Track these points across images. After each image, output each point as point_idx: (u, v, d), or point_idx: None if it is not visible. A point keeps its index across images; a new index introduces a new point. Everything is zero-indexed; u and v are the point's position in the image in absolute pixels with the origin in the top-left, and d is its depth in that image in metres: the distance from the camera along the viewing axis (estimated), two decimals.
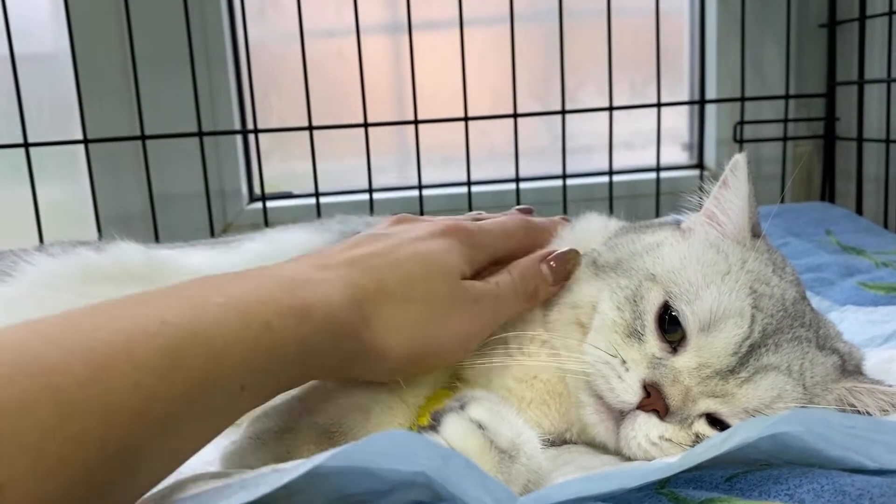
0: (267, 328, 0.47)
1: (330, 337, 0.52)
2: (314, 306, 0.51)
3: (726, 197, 0.71)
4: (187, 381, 0.42)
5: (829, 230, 1.35)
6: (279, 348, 0.48)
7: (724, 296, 0.63)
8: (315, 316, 0.51)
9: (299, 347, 0.49)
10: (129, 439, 0.39)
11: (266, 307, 0.48)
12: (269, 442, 0.59)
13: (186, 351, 0.42)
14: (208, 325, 0.44)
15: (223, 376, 0.44)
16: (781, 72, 1.61)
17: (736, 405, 0.61)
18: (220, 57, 1.49)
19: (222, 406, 0.45)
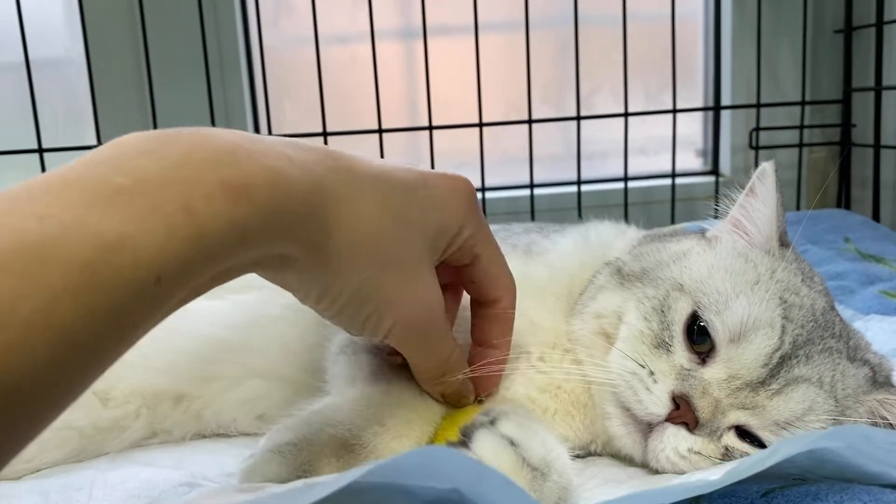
0: (186, 212, 0.40)
1: (276, 220, 0.45)
2: (255, 183, 0.44)
3: (754, 205, 0.70)
4: (66, 275, 0.35)
5: (848, 237, 1.34)
6: (203, 236, 0.41)
7: (754, 306, 0.62)
8: (257, 195, 0.44)
9: (230, 231, 0.42)
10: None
11: (186, 187, 0.41)
12: (287, 455, 0.58)
13: (64, 243, 0.35)
14: (102, 212, 0.37)
15: (122, 266, 0.37)
16: (797, 78, 1.60)
17: (766, 417, 0.60)
18: (233, 62, 1.49)
19: (132, 301, 0.38)
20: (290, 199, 0.46)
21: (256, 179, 0.44)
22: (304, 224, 0.48)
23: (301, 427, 0.61)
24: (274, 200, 0.45)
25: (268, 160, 0.46)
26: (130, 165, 0.41)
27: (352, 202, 0.51)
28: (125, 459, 0.75)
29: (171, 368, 0.80)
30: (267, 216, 0.44)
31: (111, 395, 0.79)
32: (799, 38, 1.59)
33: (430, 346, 0.60)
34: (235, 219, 0.42)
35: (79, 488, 0.67)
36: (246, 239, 0.44)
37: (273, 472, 0.57)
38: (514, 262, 0.77)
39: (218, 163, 0.43)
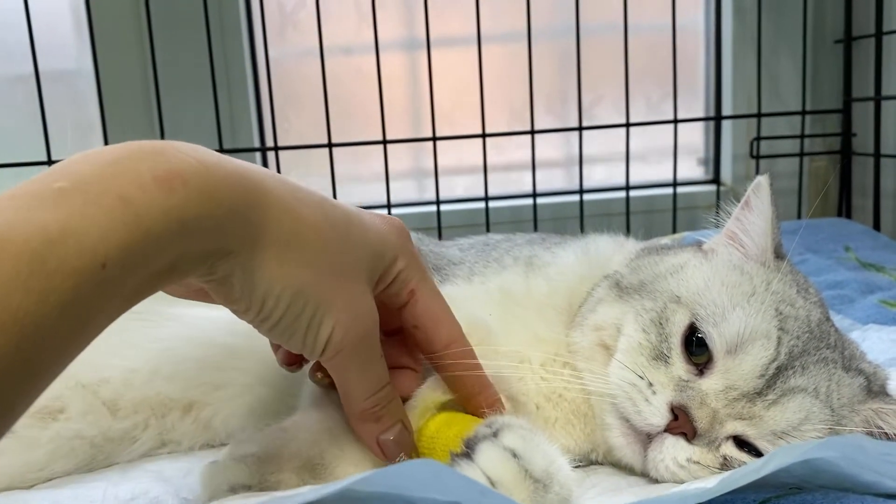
0: (122, 201, 0.43)
1: (212, 208, 0.47)
2: (187, 172, 0.46)
3: (749, 218, 0.71)
4: (16, 262, 0.38)
5: (848, 246, 1.35)
6: (141, 223, 0.43)
7: (751, 317, 0.63)
8: (190, 182, 0.46)
9: (168, 219, 0.44)
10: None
11: (120, 180, 0.44)
12: (251, 465, 0.60)
13: (13, 235, 0.38)
14: (44, 209, 0.40)
15: (67, 255, 0.39)
16: (797, 87, 1.61)
17: (763, 427, 0.61)
18: (240, 75, 1.51)
19: (82, 287, 0.40)
20: (226, 189, 0.48)
21: (188, 169, 0.46)
22: (243, 215, 0.49)
23: (266, 441, 0.62)
24: (208, 188, 0.46)
25: (201, 156, 0.48)
26: (69, 171, 0.44)
27: (293, 205, 0.52)
28: (136, 469, 0.76)
29: (180, 376, 0.81)
30: (202, 203, 0.46)
31: (120, 405, 0.80)
32: (799, 48, 1.60)
33: (365, 367, 0.57)
34: (171, 206, 0.44)
35: (90, 500, 0.68)
36: (185, 226, 0.45)
37: (234, 477, 0.59)
38: (516, 274, 0.78)
39: (148, 159, 0.45)
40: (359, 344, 0.56)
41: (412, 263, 0.61)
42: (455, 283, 0.79)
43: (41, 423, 0.74)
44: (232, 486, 0.59)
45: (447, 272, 0.81)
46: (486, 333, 0.71)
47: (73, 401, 0.76)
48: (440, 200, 1.50)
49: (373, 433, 0.59)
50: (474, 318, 0.72)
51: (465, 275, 0.80)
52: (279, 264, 0.51)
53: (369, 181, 1.60)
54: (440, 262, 0.85)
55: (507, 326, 0.72)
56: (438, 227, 1.49)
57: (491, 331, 0.71)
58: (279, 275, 0.51)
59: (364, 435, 0.59)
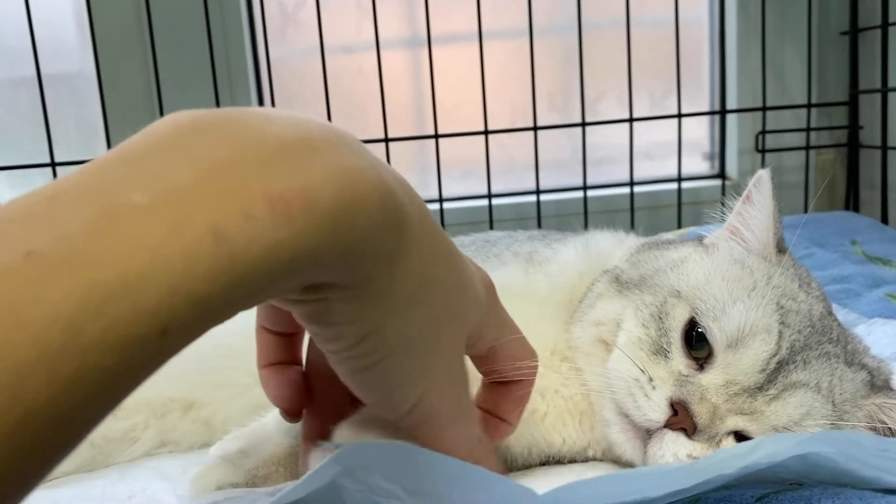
0: (215, 236, 0.29)
1: (332, 241, 0.33)
2: (312, 194, 0.32)
3: (750, 213, 0.71)
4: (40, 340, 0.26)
5: (855, 240, 1.34)
6: (234, 268, 0.30)
7: (752, 312, 0.63)
8: (314, 210, 0.32)
9: (270, 259, 0.31)
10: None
11: (219, 202, 0.30)
12: (237, 462, 0.60)
13: (46, 296, 0.26)
14: (103, 245, 0.28)
15: (117, 323, 0.27)
16: (803, 80, 1.60)
17: (764, 423, 0.61)
18: (241, 75, 1.51)
19: (127, 361, 0.28)
20: (367, 214, 0.34)
21: (318, 186, 0.33)
22: (376, 244, 0.36)
23: (251, 436, 0.62)
24: (345, 219, 0.33)
25: (341, 159, 0.34)
26: (154, 171, 0.31)
27: (424, 241, 0.40)
28: (135, 467, 0.76)
29: (181, 375, 0.81)
30: (325, 235, 0.33)
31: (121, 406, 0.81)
32: (804, 41, 1.59)
33: (460, 424, 0.47)
34: (281, 242, 0.31)
35: (89, 499, 0.69)
36: (293, 264, 0.32)
37: (222, 477, 0.59)
38: (515, 270, 0.78)
39: (271, 164, 0.32)
40: (450, 409, 0.45)
41: (496, 321, 0.51)
42: None
43: None
44: (220, 485, 0.59)
45: None
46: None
47: None
48: (443, 198, 1.50)
49: None
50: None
51: None
52: (395, 303, 0.39)
53: None
54: None
55: None
56: (441, 225, 1.48)
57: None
58: (393, 314, 0.39)
59: None
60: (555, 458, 0.72)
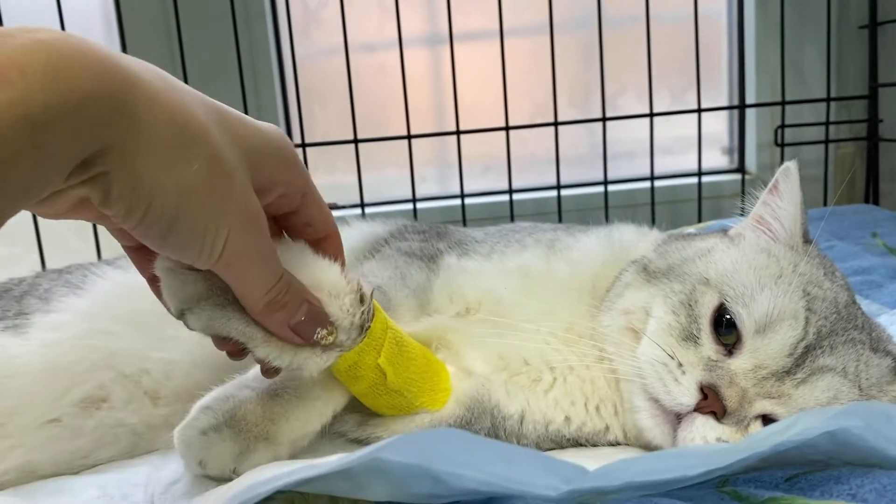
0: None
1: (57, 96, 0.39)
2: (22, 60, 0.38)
3: (778, 203, 0.72)
4: None
5: (875, 232, 1.34)
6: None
7: (779, 298, 0.64)
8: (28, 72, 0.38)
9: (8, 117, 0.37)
10: None
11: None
12: (215, 408, 0.63)
13: None
14: None
15: None
16: (822, 74, 1.61)
17: (792, 406, 0.62)
18: (266, 72, 1.53)
19: None
20: (79, 72, 0.39)
21: (26, 53, 0.38)
22: (109, 101, 0.41)
23: (227, 388, 0.65)
24: (54, 73, 0.38)
25: (45, 36, 0.40)
26: None
27: (169, 92, 0.45)
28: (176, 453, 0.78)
29: (216, 366, 0.83)
30: (49, 92, 0.38)
31: (161, 395, 0.83)
32: (823, 35, 1.59)
33: (261, 265, 0.53)
34: (9, 100, 0.37)
35: (134, 484, 0.71)
36: (32, 122, 0.37)
37: (203, 422, 0.62)
38: (536, 255, 0.79)
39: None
40: (254, 246, 0.51)
41: (301, 173, 0.56)
42: (474, 258, 0.81)
43: (86, 412, 0.76)
44: (202, 431, 0.62)
45: (468, 247, 0.83)
46: (496, 304, 0.73)
47: (115, 391, 0.78)
48: (464, 194, 1.51)
49: (283, 322, 0.55)
50: (485, 290, 0.73)
51: (486, 252, 0.81)
52: (164, 156, 0.43)
53: (393, 176, 1.62)
54: (464, 237, 0.86)
55: (522, 299, 0.73)
56: (463, 221, 1.51)
57: (502, 301, 0.73)
58: (164, 168, 0.43)
59: (274, 327, 0.56)
60: (571, 441, 0.74)
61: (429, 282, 0.77)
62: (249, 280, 0.53)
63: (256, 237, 0.51)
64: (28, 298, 0.84)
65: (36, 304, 0.82)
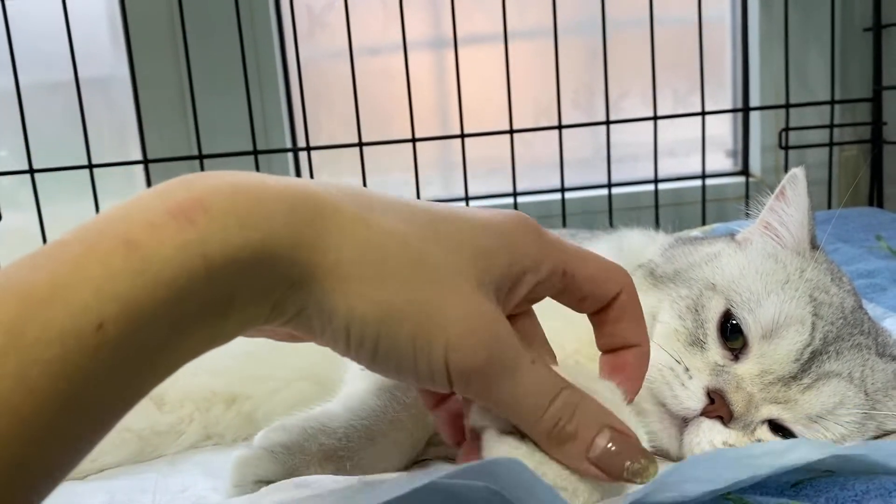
0: (125, 245, 0.34)
1: (240, 237, 0.36)
2: (207, 199, 0.36)
3: (785, 210, 0.72)
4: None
5: (880, 235, 1.34)
6: (149, 267, 0.34)
7: (785, 303, 0.64)
8: (212, 211, 0.36)
9: (185, 257, 0.35)
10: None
11: (127, 221, 0.35)
12: (279, 456, 0.61)
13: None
14: (31, 269, 0.33)
15: (51, 320, 0.32)
16: (826, 77, 1.61)
17: (798, 411, 0.62)
18: (271, 76, 1.54)
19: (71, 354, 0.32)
20: (265, 209, 0.37)
21: (211, 193, 0.37)
22: (293, 236, 0.38)
23: (297, 431, 0.62)
24: (238, 211, 0.36)
25: (233, 178, 0.38)
26: (84, 224, 0.36)
27: (359, 212, 0.41)
28: (184, 461, 0.79)
29: (224, 369, 0.83)
30: (230, 231, 0.36)
31: (166, 399, 0.83)
32: (827, 37, 1.59)
33: (515, 382, 0.43)
34: (188, 240, 0.35)
35: (142, 491, 0.71)
36: (211, 263, 0.35)
37: (263, 469, 0.60)
38: None
39: (164, 193, 0.37)
40: (490, 359, 0.42)
41: (551, 249, 0.47)
42: None
43: None
44: (258, 479, 0.59)
45: None
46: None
47: None
48: (469, 197, 1.52)
49: (578, 455, 0.44)
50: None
51: None
52: (355, 282, 0.39)
53: (398, 179, 1.62)
54: None
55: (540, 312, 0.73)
56: None
57: None
58: (356, 295, 0.39)
59: (570, 462, 0.44)
60: None
61: None
62: (510, 403, 0.43)
63: (491, 350, 0.42)
64: None
65: None
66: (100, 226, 0.35)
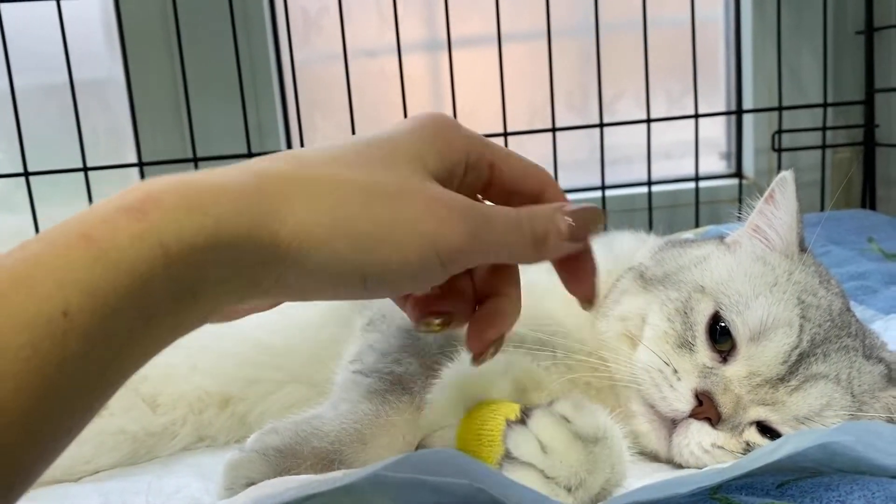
0: (84, 238, 0.36)
1: (194, 222, 0.38)
2: (156, 193, 0.38)
3: (774, 213, 0.73)
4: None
5: (871, 237, 1.35)
6: (108, 257, 0.36)
7: (773, 306, 0.65)
8: (163, 202, 0.38)
9: (143, 246, 0.37)
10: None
11: (84, 219, 0.37)
12: (272, 459, 0.61)
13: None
14: (2, 260, 0.36)
15: (19, 309, 0.33)
16: (819, 80, 1.62)
17: (786, 413, 0.63)
18: (266, 79, 1.54)
19: (36, 341, 0.33)
20: (214, 191, 0.40)
21: (161, 187, 0.39)
22: (251, 211, 0.40)
23: (289, 434, 0.63)
24: (189, 199, 0.39)
25: (184, 175, 0.41)
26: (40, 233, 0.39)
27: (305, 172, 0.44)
28: (177, 463, 0.79)
29: (217, 371, 0.84)
30: (183, 218, 0.38)
31: (159, 402, 0.84)
32: (820, 40, 1.60)
33: (490, 229, 0.47)
34: (143, 230, 0.37)
35: (136, 492, 0.71)
36: (167, 249, 0.37)
37: (256, 472, 0.61)
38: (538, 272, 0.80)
39: (121, 194, 0.39)
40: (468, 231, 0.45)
41: (475, 139, 0.51)
42: None
43: None
44: (251, 482, 0.60)
45: None
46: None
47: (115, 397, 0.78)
48: None
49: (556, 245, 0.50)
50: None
51: None
52: (322, 232, 0.41)
53: None
54: None
55: (533, 319, 0.74)
56: None
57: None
58: (325, 243, 0.42)
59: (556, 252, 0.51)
60: None
61: None
62: (493, 249, 0.48)
63: (461, 222, 0.45)
64: None
65: None
66: (58, 227, 0.37)
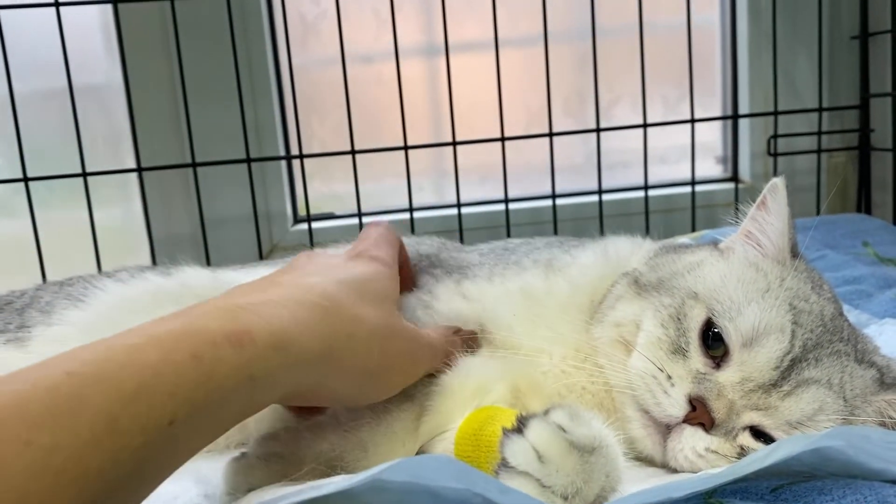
0: (194, 359, 0.46)
1: (276, 362, 0.51)
2: (254, 331, 0.50)
3: (766, 219, 0.74)
4: (93, 425, 0.40)
5: (867, 242, 1.36)
6: (212, 380, 0.46)
7: (766, 312, 0.66)
8: (257, 342, 0.50)
9: (238, 375, 0.48)
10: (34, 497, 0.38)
11: (193, 338, 0.47)
12: (273, 464, 0.62)
13: (90, 397, 0.41)
14: (119, 366, 0.43)
15: (138, 414, 0.42)
16: (814, 84, 1.62)
17: (779, 418, 0.64)
18: (264, 84, 1.54)
19: (150, 444, 0.43)
20: (297, 343, 0.53)
21: (256, 327, 0.50)
22: (315, 359, 0.54)
23: (291, 440, 0.64)
24: (275, 344, 0.51)
25: (270, 315, 0.53)
26: (143, 330, 0.48)
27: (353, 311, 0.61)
28: None
29: None
30: (270, 358, 0.50)
31: None
32: (815, 45, 1.61)
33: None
34: (241, 362, 0.48)
35: None
36: (254, 381, 0.49)
37: (257, 477, 0.61)
38: (535, 275, 0.81)
39: (220, 318, 0.50)
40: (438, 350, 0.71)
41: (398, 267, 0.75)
42: (476, 282, 0.82)
43: None
44: (252, 487, 0.61)
45: (467, 272, 0.84)
46: (509, 332, 0.74)
47: None
48: (461, 203, 1.53)
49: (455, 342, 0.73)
50: (496, 317, 0.75)
51: (486, 275, 0.82)
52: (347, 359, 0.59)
53: (390, 186, 1.63)
54: (461, 264, 0.87)
55: (530, 325, 0.74)
56: (460, 230, 1.52)
57: (513, 329, 0.74)
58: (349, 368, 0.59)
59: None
60: None
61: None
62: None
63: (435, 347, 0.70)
64: (30, 311, 0.85)
65: (37, 317, 0.84)
66: (173, 336, 0.46)
